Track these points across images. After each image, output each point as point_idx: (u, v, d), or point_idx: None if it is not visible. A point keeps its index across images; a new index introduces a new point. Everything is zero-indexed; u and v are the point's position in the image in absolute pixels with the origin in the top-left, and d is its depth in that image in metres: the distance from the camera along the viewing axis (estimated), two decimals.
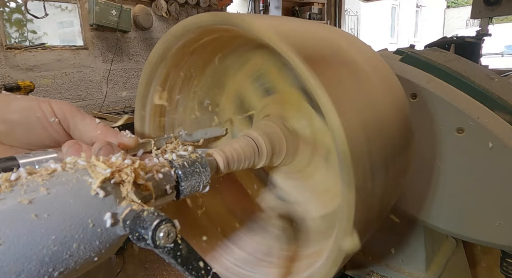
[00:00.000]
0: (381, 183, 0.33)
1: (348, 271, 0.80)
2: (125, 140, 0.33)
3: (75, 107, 0.33)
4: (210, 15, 0.35)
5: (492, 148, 0.51)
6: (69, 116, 0.32)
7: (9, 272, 0.19)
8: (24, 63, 1.93)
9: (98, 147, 0.30)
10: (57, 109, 0.32)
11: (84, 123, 0.32)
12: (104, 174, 0.24)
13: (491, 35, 2.41)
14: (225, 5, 2.86)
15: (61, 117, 0.32)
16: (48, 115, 0.31)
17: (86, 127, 0.32)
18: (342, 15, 4.52)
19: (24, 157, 0.28)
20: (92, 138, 0.32)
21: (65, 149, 0.30)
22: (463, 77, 0.55)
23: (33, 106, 0.31)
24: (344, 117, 0.28)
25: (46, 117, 0.31)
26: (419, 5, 10.20)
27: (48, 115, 0.31)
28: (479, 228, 0.57)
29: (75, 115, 0.32)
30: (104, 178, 0.24)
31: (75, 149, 0.29)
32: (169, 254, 0.23)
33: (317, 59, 0.30)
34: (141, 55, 2.47)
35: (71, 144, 0.30)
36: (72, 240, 0.22)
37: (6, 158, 0.28)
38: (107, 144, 0.30)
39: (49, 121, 0.31)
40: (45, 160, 0.29)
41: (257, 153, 0.42)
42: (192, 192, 0.32)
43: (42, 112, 0.31)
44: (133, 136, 0.34)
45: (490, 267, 1.12)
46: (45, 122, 0.31)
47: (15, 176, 0.22)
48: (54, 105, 0.32)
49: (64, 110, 0.32)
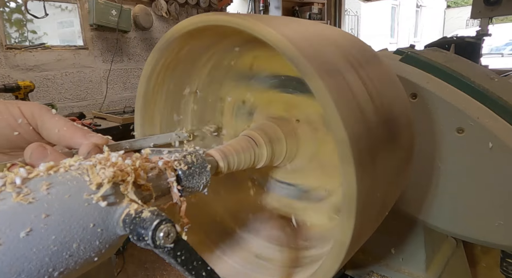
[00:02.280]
0: (382, 166, 0.33)
1: (348, 271, 0.80)
2: (94, 140, 0.32)
3: (45, 107, 0.33)
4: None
5: (492, 148, 0.51)
6: (37, 115, 0.32)
7: (9, 272, 0.19)
8: (24, 63, 1.93)
9: (87, 150, 0.29)
10: (26, 110, 0.32)
11: (51, 122, 0.32)
12: (106, 175, 0.24)
13: (491, 35, 2.40)
14: (225, 5, 2.86)
15: (29, 117, 0.32)
16: (16, 117, 0.31)
17: (53, 126, 0.32)
18: (342, 15, 4.52)
19: None
20: (59, 136, 0.32)
21: (29, 152, 0.29)
22: (463, 77, 0.55)
23: (0, 110, 0.31)
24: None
25: (14, 119, 0.31)
26: (419, 5, 10.19)
27: (16, 117, 0.31)
28: (479, 228, 0.57)
29: (44, 115, 0.32)
30: (107, 179, 0.24)
31: (39, 152, 0.29)
32: (169, 254, 0.23)
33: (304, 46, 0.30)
34: (141, 55, 2.47)
35: (34, 147, 0.29)
36: (72, 240, 0.22)
37: None
38: (94, 147, 0.30)
39: (17, 123, 0.31)
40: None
41: (257, 153, 0.42)
42: (192, 192, 0.32)
43: (10, 114, 0.31)
44: (102, 137, 0.33)
45: (490, 267, 1.12)
46: (13, 123, 0.31)
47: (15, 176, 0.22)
48: (23, 107, 0.32)
49: (32, 110, 0.32)
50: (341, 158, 0.28)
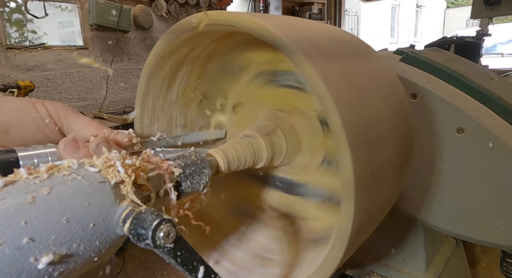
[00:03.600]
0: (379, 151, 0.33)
1: (348, 271, 0.80)
2: (119, 138, 0.32)
3: (69, 107, 0.33)
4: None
5: (492, 148, 0.51)
6: (63, 116, 0.32)
7: (9, 272, 0.19)
8: (24, 63, 1.93)
9: (96, 143, 0.29)
10: (52, 110, 0.32)
11: (77, 122, 0.32)
12: (119, 176, 0.24)
13: (491, 35, 2.40)
14: (225, 5, 2.86)
15: (55, 117, 0.32)
16: (44, 116, 0.31)
17: (80, 126, 0.32)
18: (342, 15, 4.52)
19: (24, 150, 0.28)
20: (86, 137, 0.32)
21: (62, 145, 0.29)
22: (463, 77, 0.55)
23: (27, 107, 0.31)
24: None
25: (42, 118, 0.31)
26: (419, 5, 10.19)
27: (44, 116, 0.31)
28: (479, 228, 0.57)
29: (69, 115, 0.32)
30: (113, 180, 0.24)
31: (72, 146, 0.29)
32: (169, 254, 0.23)
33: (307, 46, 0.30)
34: (141, 55, 2.47)
35: (67, 141, 0.30)
36: (72, 240, 0.22)
37: (6, 150, 0.28)
38: (104, 140, 0.30)
39: (44, 122, 0.31)
40: (44, 154, 0.29)
41: (257, 153, 0.42)
42: (192, 192, 0.32)
43: (37, 113, 0.31)
44: (128, 134, 0.33)
45: (490, 267, 1.12)
46: (41, 123, 0.31)
47: (15, 176, 0.22)
48: (48, 106, 0.32)
49: (58, 110, 0.32)
50: (337, 141, 0.29)
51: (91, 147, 0.30)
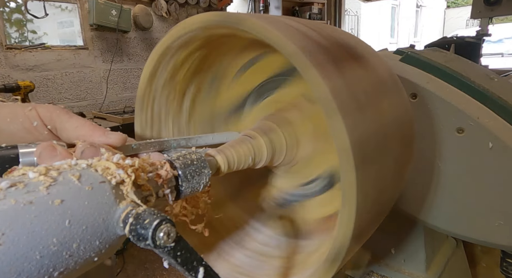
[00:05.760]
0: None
1: (348, 271, 0.80)
2: (113, 138, 0.32)
3: (62, 108, 0.33)
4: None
5: (492, 148, 0.51)
6: (55, 117, 0.32)
7: (9, 272, 0.19)
8: (24, 63, 1.93)
9: (81, 150, 0.29)
10: (43, 112, 0.32)
11: (70, 123, 0.32)
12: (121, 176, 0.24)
13: (491, 35, 2.40)
14: (225, 5, 2.87)
15: (47, 119, 0.32)
16: (32, 119, 0.31)
17: (73, 126, 0.32)
18: (342, 15, 4.52)
19: (26, 146, 0.28)
20: (79, 137, 0.32)
21: (38, 151, 0.28)
22: (463, 77, 0.55)
23: (16, 112, 0.31)
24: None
25: (30, 122, 0.31)
26: (419, 5, 10.20)
27: (32, 119, 0.31)
28: (479, 228, 0.57)
29: (62, 116, 0.32)
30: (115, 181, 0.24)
31: (49, 151, 0.28)
32: (169, 254, 0.23)
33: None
34: (141, 55, 2.47)
35: (45, 146, 0.29)
36: (72, 240, 0.22)
37: (8, 146, 0.28)
38: (90, 146, 0.30)
39: (32, 125, 0.31)
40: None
41: (257, 153, 0.42)
42: (192, 192, 0.32)
43: (25, 116, 0.31)
44: (121, 135, 0.33)
45: (490, 267, 1.12)
46: (29, 126, 0.31)
47: (15, 176, 0.22)
48: (40, 109, 0.32)
49: (50, 112, 0.32)
50: (326, 112, 0.29)
51: (77, 153, 0.29)
